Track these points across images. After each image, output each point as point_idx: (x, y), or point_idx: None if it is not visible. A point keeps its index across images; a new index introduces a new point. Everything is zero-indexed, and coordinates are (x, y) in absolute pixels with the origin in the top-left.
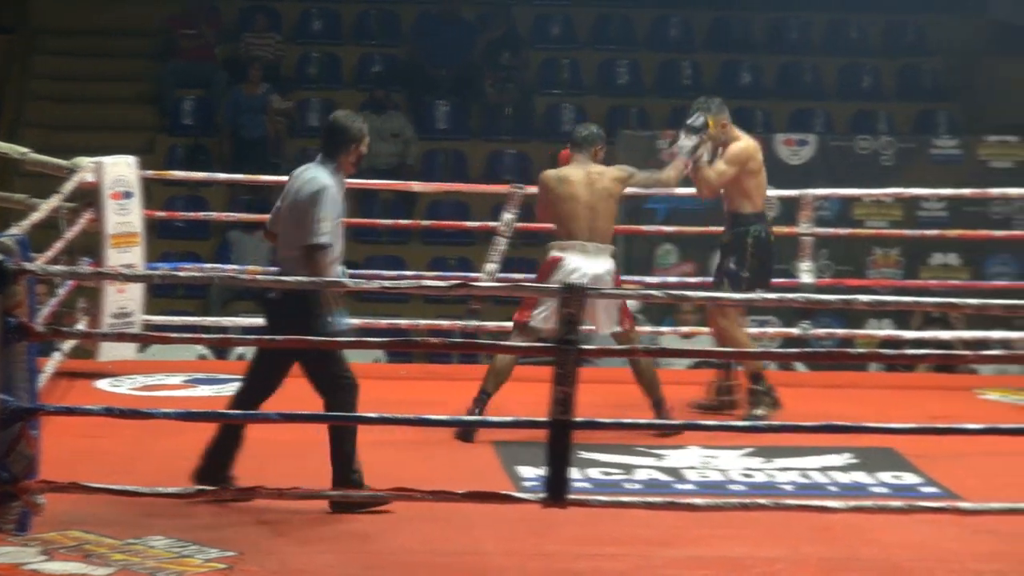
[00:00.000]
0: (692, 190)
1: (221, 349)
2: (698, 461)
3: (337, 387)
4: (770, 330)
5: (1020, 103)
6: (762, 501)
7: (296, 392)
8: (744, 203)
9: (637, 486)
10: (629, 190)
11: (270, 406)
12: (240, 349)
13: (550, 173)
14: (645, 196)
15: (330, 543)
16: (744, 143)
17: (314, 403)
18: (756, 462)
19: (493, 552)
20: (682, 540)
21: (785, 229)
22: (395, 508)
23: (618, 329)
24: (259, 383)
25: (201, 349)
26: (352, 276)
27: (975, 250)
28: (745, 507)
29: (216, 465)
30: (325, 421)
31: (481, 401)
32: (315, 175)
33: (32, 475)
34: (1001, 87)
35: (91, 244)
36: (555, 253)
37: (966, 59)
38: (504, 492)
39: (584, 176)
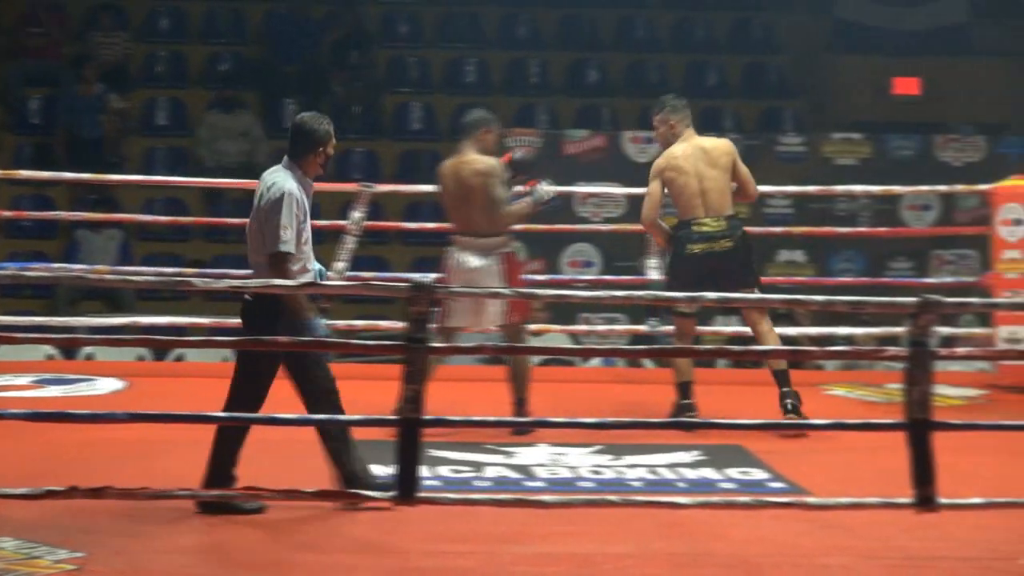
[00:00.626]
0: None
1: (69, 349)
2: (548, 458)
3: (315, 391)
4: (618, 327)
5: (863, 101)
6: (611, 498)
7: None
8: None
9: (487, 484)
10: None
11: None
12: (88, 349)
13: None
14: None
15: (181, 544)
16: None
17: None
18: (605, 459)
19: (342, 550)
20: (531, 537)
21: (630, 227)
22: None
23: (503, 322)
24: (244, 391)
25: (49, 349)
26: (200, 275)
27: (820, 247)
28: (594, 504)
29: (221, 469)
30: (176, 421)
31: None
32: (277, 180)
33: None
34: (845, 85)
35: None
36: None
37: (811, 57)
38: (354, 490)
39: (452, 168)
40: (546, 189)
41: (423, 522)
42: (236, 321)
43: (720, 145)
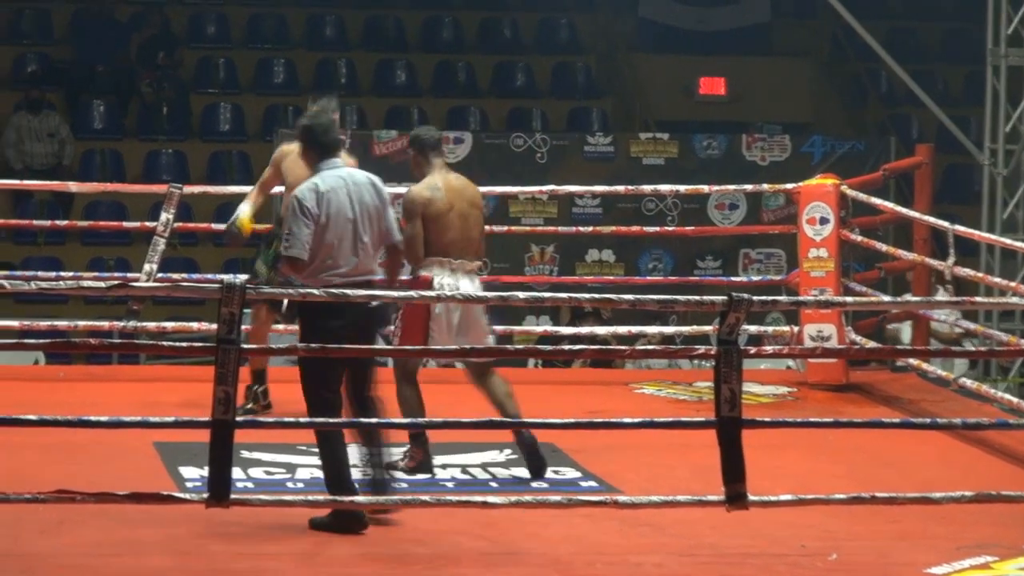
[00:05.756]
0: None
1: None
2: (361, 459)
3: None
4: None
5: (670, 101)
6: (424, 498)
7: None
8: None
9: (300, 485)
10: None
11: None
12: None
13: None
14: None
15: None
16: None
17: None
18: None
19: (155, 552)
20: (344, 538)
21: None
22: (57, 510)
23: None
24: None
25: None
26: (8, 277)
27: (629, 246)
28: (407, 503)
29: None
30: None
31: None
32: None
33: None
34: (651, 85)
35: None
36: (423, 272)
37: (617, 57)
38: (166, 493)
39: (456, 188)
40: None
41: (236, 524)
42: (46, 323)
43: None
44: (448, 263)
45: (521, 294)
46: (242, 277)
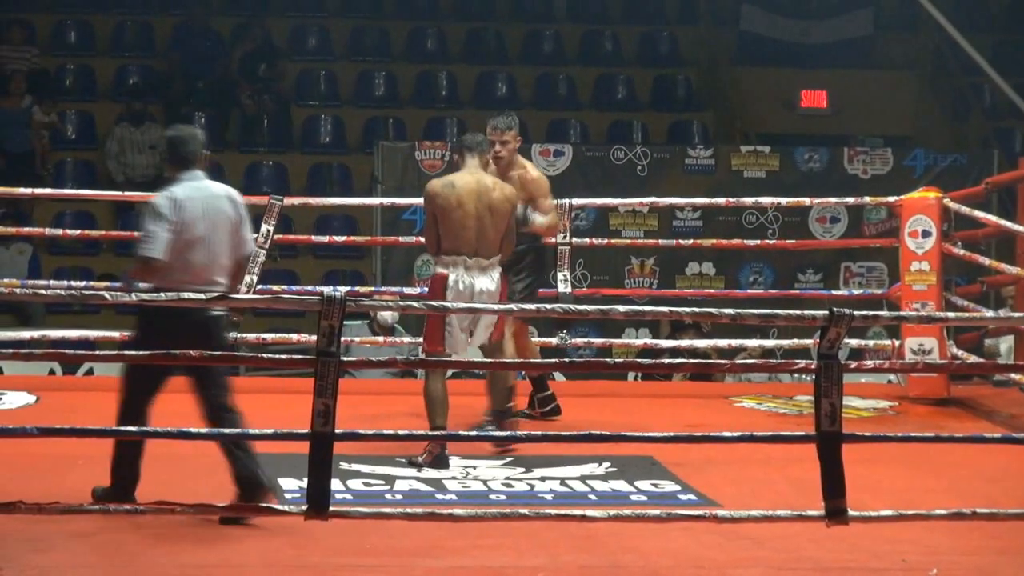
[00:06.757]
0: None
1: None
2: (459, 471)
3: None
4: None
5: (771, 114)
6: (523, 511)
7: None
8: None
9: (398, 497)
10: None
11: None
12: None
13: (436, 182)
14: (404, 207)
15: (91, 560)
16: (538, 172)
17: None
18: (516, 472)
19: (254, 564)
20: (443, 550)
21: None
22: (157, 522)
23: (485, 341)
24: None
25: None
26: (110, 289)
27: (729, 259)
28: (506, 517)
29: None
30: (86, 435)
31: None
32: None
33: None
34: (752, 98)
35: None
36: (439, 270)
37: (718, 70)
38: (265, 504)
39: (472, 188)
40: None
41: (334, 536)
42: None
43: None
44: (463, 261)
45: (621, 307)
46: (343, 289)
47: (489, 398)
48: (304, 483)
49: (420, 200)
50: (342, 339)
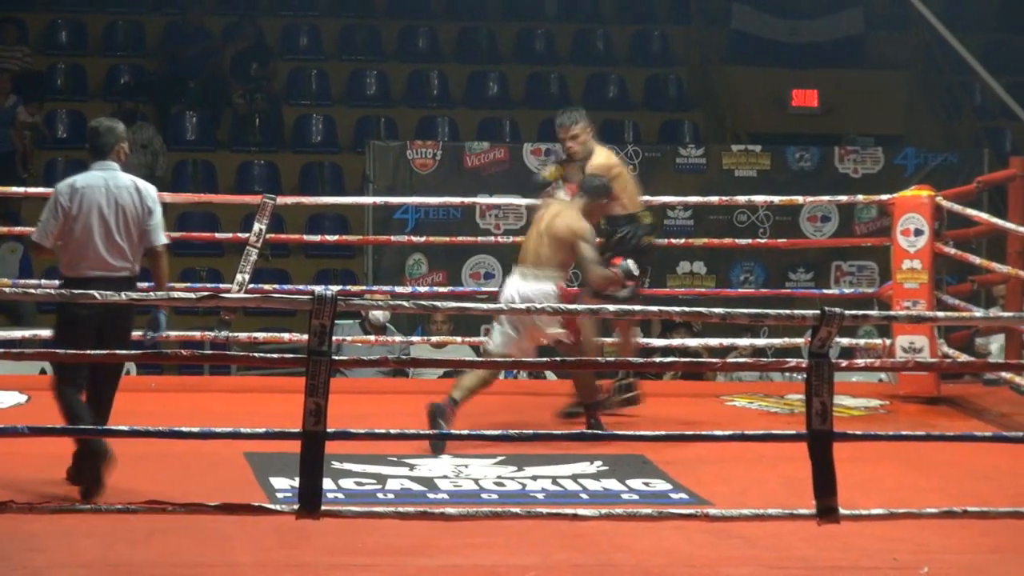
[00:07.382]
0: (439, 200)
1: None
2: (451, 470)
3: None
4: None
5: (761, 112)
6: (514, 509)
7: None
8: (613, 206)
9: (390, 496)
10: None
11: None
12: None
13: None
14: (395, 206)
15: (84, 559)
16: (603, 156)
17: None
18: (508, 470)
19: (246, 563)
20: (435, 549)
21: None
22: (148, 520)
23: (565, 341)
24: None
25: None
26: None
27: (720, 258)
28: (497, 516)
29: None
30: (79, 434)
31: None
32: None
33: None
34: (743, 97)
35: None
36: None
37: (709, 70)
38: (257, 504)
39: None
40: (628, 266)
41: (326, 535)
42: (137, 334)
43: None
44: (519, 268)
45: (611, 307)
46: (334, 288)
47: (577, 393)
48: (296, 482)
49: (411, 199)
50: (333, 338)
